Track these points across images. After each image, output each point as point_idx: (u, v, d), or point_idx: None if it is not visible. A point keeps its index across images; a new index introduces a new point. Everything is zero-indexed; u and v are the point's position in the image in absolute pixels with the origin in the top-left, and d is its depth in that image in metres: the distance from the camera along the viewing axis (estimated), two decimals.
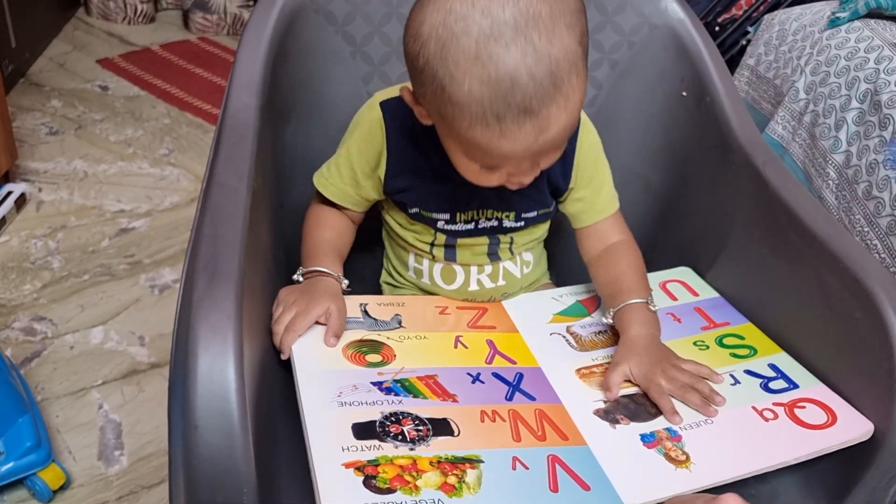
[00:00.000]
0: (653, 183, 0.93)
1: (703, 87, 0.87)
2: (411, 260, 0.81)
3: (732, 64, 1.58)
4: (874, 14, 1.28)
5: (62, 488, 1.02)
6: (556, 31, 0.56)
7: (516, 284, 0.82)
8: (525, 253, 0.82)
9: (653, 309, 0.75)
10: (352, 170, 0.76)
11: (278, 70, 0.79)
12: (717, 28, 1.69)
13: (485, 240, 0.78)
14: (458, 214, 0.76)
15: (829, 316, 0.69)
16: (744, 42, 1.63)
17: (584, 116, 0.77)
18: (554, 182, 0.76)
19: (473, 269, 0.80)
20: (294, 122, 0.84)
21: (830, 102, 1.21)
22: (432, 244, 0.79)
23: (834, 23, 1.29)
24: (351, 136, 0.77)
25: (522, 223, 0.78)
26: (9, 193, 1.49)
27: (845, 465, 0.64)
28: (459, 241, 0.78)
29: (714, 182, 0.86)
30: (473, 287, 0.80)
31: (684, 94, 0.89)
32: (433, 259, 0.80)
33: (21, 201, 1.51)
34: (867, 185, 1.09)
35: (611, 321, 0.76)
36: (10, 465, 0.97)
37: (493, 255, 0.80)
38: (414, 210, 0.76)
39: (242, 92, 0.74)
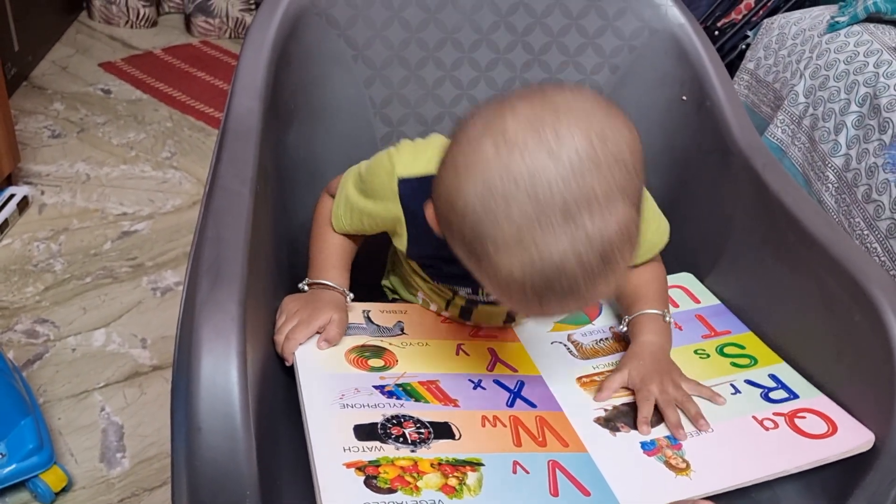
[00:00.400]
0: (653, 186, 0.93)
1: (703, 91, 0.87)
2: (420, 296, 0.79)
3: (732, 68, 1.59)
4: (873, 18, 1.28)
5: (64, 490, 1.02)
6: (610, 206, 0.49)
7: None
8: None
9: (667, 321, 0.74)
10: (362, 225, 0.73)
11: (280, 74, 0.80)
12: (716, 32, 1.70)
13: (504, 308, 0.75)
14: (481, 290, 0.73)
15: (828, 319, 0.70)
16: (743, 46, 1.63)
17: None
18: None
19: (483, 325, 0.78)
20: (296, 126, 0.84)
21: (830, 106, 1.22)
22: (449, 301, 0.76)
23: (833, 27, 1.30)
24: (367, 196, 0.70)
25: None
26: (11, 196, 1.49)
27: (846, 468, 0.65)
28: (479, 307, 0.75)
29: (714, 185, 0.86)
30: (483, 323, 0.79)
31: (684, 98, 0.89)
32: (445, 310, 0.77)
33: (24, 204, 1.51)
34: (867, 188, 1.09)
35: (624, 329, 0.75)
36: (12, 467, 0.97)
37: (509, 319, 0.78)
38: (435, 279, 0.74)
39: (245, 95, 0.74)
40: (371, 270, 0.88)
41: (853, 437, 0.64)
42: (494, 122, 0.50)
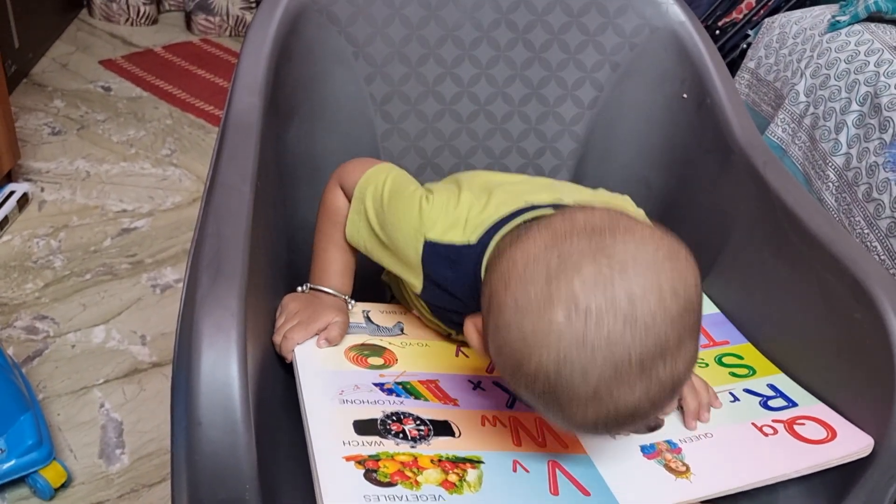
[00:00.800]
0: (653, 184, 0.94)
1: (703, 88, 0.87)
2: (415, 311, 0.77)
3: (733, 67, 1.59)
4: (874, 17, 1.28)
5: (63, 486, 1.02)
6: (681, 350, 0.49)
7: None
8: None
9: None
10: (379, 258, 0.70)
11: (281, 70, 0.80)
12: (717, 32, 1.70)
13: None
14: None
15: (829, 317, 0.70)
16: (744, 46, 1.63)
17: None
18: None
19: None
20: (297, 123, 0.84)
21: (830, 105, 1.22)
22: (450, 335, 0.74)
23: (834, 26, 1.30)
24: (386, 236, 0.67)
25: None
26: (11, 193, 1.49)
27: (845, 465, 0.65)
28: None
29: (714, 183, 0.86)
30: None
31: (685, 95, 0.89)
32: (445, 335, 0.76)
33: (23, 201, 1.51)
34: (867, 187, 1.09)
35: None
36: (12, 462, 0.97)
37: None
38: (441, 319, 0.72)
39: (246, 92, 0.74)
40: (370, 264, 0.88)
41: (852, 443, 0.64)
42: (560, 285, 0.48)
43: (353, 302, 0.73)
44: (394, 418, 0.61)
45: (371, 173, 0.71)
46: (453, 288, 0.65)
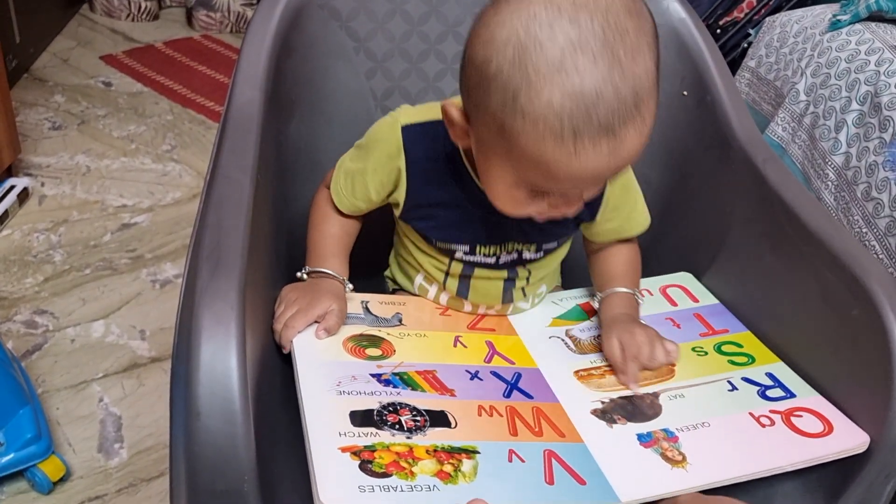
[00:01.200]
0: (653, 181, 0.93)
1: (703, 86, 0.87)
2: (419, 279, 0.79)
3: (734, 66, 1.59)
4: (875, 17, 1.28)
5: (62, 480, 1.02)
6: (639, 49, 0.54)
7: (525, 310, 0.81)
8: (540, 287, 0.81)
9: (639, 301, 0.77)
10: (366, 188, 0.73)
11: (282, 64, 0.80)
12: (718, 31, 1.70)
13: (502, 274, 0.76)
14: (478, 247, 0.74)
15: (826, 313, 0.70)
16: (745, 45, 1.63)
17: None
18: (579, 217, 0.74)
19: (482, 307, 0.79)
20: (298, 117, 0.85)
21: (831, 104, 1.22)
22: (447, 273, 0.76)
23: (835, 25, 1.30)
24: (368, 154, 0.72)
25: (542, 254, 0.76)
26: (11, 187, 1.50)
27: (842, 461, 0.65)
28: (476, 272, 0.75)
29: (714, 180, 0.86)
30: (481, 310, 0.79)
31: (685, 93, 0.89)
32: (444, 288, 0.78)
33: (24, 195, 1.51)
34: (866, 186, 1.09)
35: (597, 305, 0.78)
36: (11, 456, 0.97)
37: (507, 297, 0.78)
38: (430, 240, 0.75)
39: (247, 85, 0.74)
40: (371, 259, 0.89)
41: (849, 438, 0.64)
42: None
43: (350, 285, 0.74)
44: (390, 409, 0.62)
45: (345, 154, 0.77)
46: (437, 168, 0.70)
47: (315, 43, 0.85)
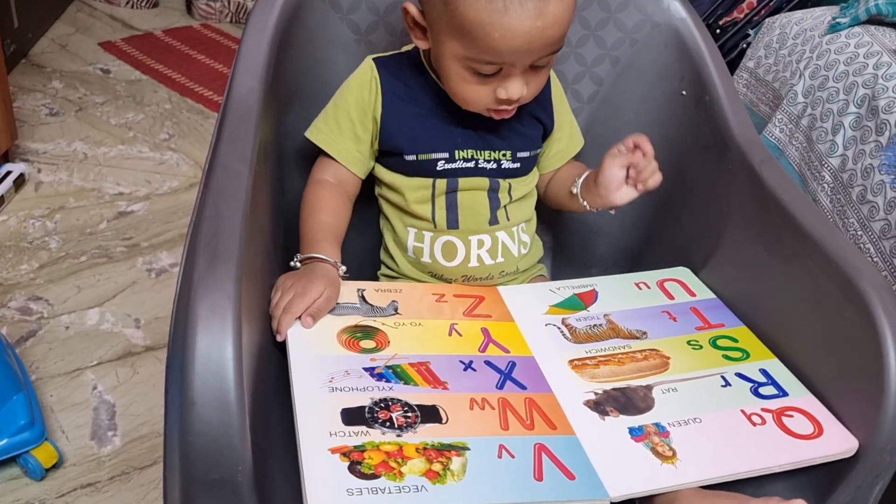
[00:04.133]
0: None
1: (702, 86, 0.87)
2: (410, 239, 0.82)
3: (733, 66, 1.59)
4: (874, 20, 1.28)
5: (54, 467, 1.02)
6: None
7: (513, 263, 0.83)
8: (523, 234, 0.84)
9: None
10: (350, 121, 0.79)
11: (283, 56, 0.80)
12: (717, 31, 1.70)
13: (484, 183, 0.80)
14: (456, 152, 0.79)
15: (820, 315, 0.70)
16: (744, 45, 1.63)
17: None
18: (541, 120, 0.83)
19: (474, 242, 0.81)
20: (297, 108, 0.85)
21: (828, 106, 1.22)
22: (433, 200, 0.79)
23: (834, 28, 1.30)
24: (346, 89, 0.80)
25: (518, 164, 0.81)
26: (8, 173, 1.49)
27: (832, 462, 0.65)
28: (461, 183, 0.79)
29: (711, 180, 0.86)
30: (473, 263, 0.81)
31: (684, 92, 0.90)
32: (434, 228, 0.80)
33: (20, 181, 1.51)
34: (862, 188, 1.10)
35: (577, 190, 0.82)
36: (3, 442, 0.97)
37: (493, 219, 0.81)
38: (411, 157, 0.78)
39: (247, 76, 0.74)
40: (369, 263, 0.89)
41: (838, 442, 0.65)
42: None
43: (343, 267, 0.75)
44: (382, 405, 0.62)
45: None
46: (407, 83, 0.78)
47: (315, 35, 0.85)
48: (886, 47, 1.20)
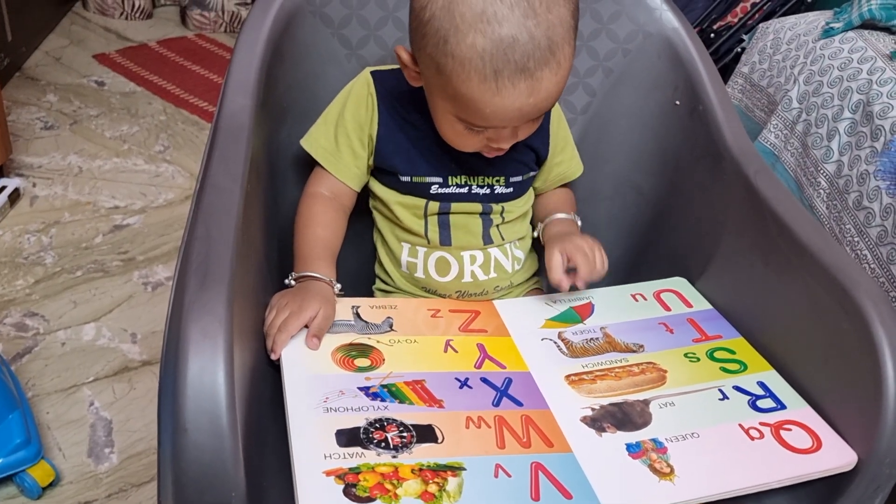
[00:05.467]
0: (644, 189, 0.94)
1: (696, 95, 0.87)
2: (404, 254, 0.81)
3: (726, 71, 1.59)
4: (868, 25, 1.28)
5: (51, 485, 1.01)
6: (555, 1, 0.63)
7: (507, 278, 0.83)
8: (516, 250, 0.84)
9: (577, 224, 0.85)
10: (347, 136, 0.78)
11: (274, 71, 0.79)
12: (711, 35, 1.70)
13: (477, 207, 0.80)
14: (450, 178, 0.79)
15: (816, 326, 0.70)
16: (738, 50, 1.64)
17: None
18: (534, 148, 0.82)
19: (466, 258, 0.80)
20: (289, 124, 0.84)
21: (823, 112, 1.22)
22: (426, 218, 0.79)
23: (828, 33, 1.30)
24: (343, 102, 0.79)
25: (511, 189, 0.81)
26: (3, 188, 1.49)
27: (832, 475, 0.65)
28: (453, 206, 0.79)
29: (705, 190, 0.86)
30: (467, 279, 0.81)
31: (677, 102, 0.89)
32: (428, 244, 0.80)
33: (15, 196, 1.50)
34: (858, 195, 1.10)
35: (536, 234, 0.86)
36: None
37: (486, 238, 0.81)
38: (406, 178, 0.78)
39: (238, 93, 0.74)
40: (364, 276, 0.88)
41: (837, 456, 0.64)
42: None
43: (338, 285, 0.74)
44: (377, 425, 0.62)
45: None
46: (404, 102, 0.77)
47: (307, 50, 0.84)
48: (880, 52, 1.20)
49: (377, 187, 0.81)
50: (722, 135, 0.84)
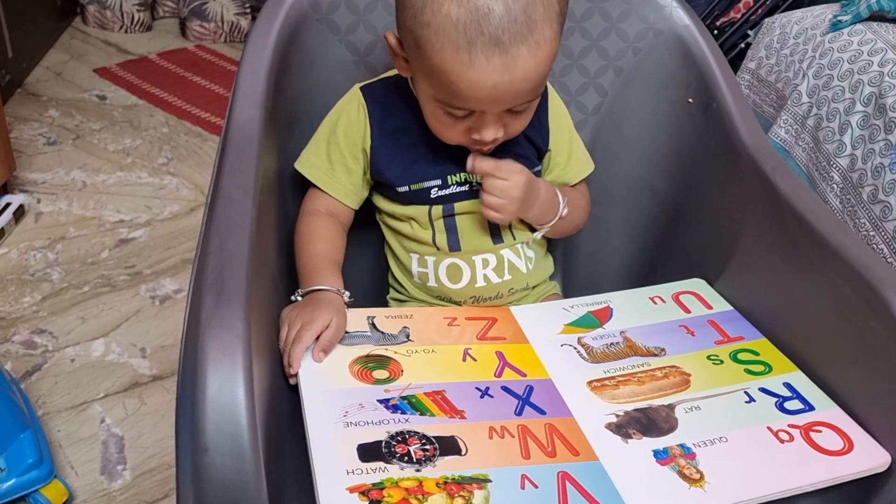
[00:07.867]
0: (659, 190, 0.92)
1: (709, 93, 0.86)
2: (415, 265, 0.80)
3: (732, 67, 1.58)
4: (876, 17, 1.27)
5: None
6: None
7: (522, 280, 0.82)
8: (528, 250, 0.82)
9: (561, 203, 0.80)
10: (341, 154, 0.78)
11: (281, 81, 0.78)
12: (715, 31, 1.69)
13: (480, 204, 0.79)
14: (449, 177, 0.78)
15: (842, 325, 0.68)
16: (743, 45, 1.62)
17: (551, 89, 0.84)
18: (534, 141, 0.80)
19: (479, 262, 0.79)
20: (298, 133, 0.83)
21: (834, 106, 1.21)
22: (432, 225, 0.78)
23: (836, 26, 1.29)
24: (334, 120, 0.79)
25: None
26: (7, 205, 1.48)
27: (864, 477, 0.64)
28: (457, 207, 0.78)
29: (722, 189, 0.85)
30: (480, 283, 0.80)
31: (690, 100, 0.88)
32: (437, 251, 0.79)
33: (20, 213, 1.50)
34: (873, 188, 1.08)
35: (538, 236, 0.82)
36: (12, 481, 0.95)
37: (496, 237, 0.80)
38: (404, 189, 0.77)
39: (246, 104, 0.73)
40: (378, 287, 0.87)
41: (870, 457, 0.63)
42: None
43: (347, 293, 0.73)
44: (399, 439, 0.60)
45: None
46: (394, 109, 0.77)
47: (314, 58, 0.83)
48: (890, 44, 1.19)
49: (380, 201, 0.81)
50: (738, 132, 0.82)
